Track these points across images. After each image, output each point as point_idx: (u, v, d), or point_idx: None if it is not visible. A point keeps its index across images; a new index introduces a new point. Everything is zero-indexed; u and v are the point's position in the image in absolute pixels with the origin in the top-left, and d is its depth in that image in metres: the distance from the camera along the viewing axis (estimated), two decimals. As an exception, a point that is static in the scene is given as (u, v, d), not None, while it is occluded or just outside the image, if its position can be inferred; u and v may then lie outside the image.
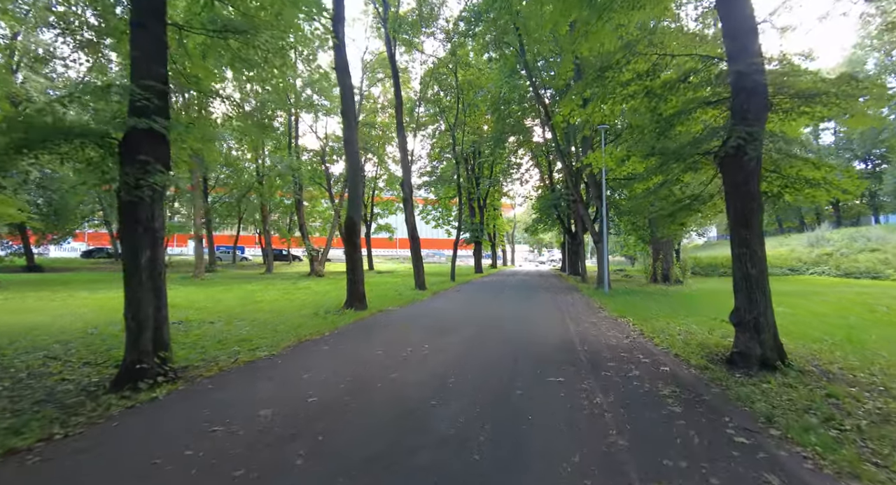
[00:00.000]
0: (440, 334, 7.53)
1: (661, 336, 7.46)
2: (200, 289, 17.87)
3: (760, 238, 5.84)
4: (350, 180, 11.48)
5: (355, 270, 11.01)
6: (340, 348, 6.61)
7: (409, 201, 16.89)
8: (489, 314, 10.04)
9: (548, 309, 11.14)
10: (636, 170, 8.06)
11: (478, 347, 6.49)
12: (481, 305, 11.90)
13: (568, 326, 8.43)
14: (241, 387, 4.80)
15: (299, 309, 11.46)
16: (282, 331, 8.20)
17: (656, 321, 9.09)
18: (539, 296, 14.85)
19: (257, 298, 14.39)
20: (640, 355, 6.03)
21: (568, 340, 7.09)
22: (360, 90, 34.08)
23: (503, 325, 8.52)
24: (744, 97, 5.85)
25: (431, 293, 15.49)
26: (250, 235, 57.96)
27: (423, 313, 10.43)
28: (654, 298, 14.12)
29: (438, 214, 40.77)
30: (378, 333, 7.84)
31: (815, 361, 6.04)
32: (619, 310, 10.73)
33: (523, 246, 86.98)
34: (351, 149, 11.57)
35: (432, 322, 8.93)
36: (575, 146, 24.74)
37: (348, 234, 11.19)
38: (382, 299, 13.12)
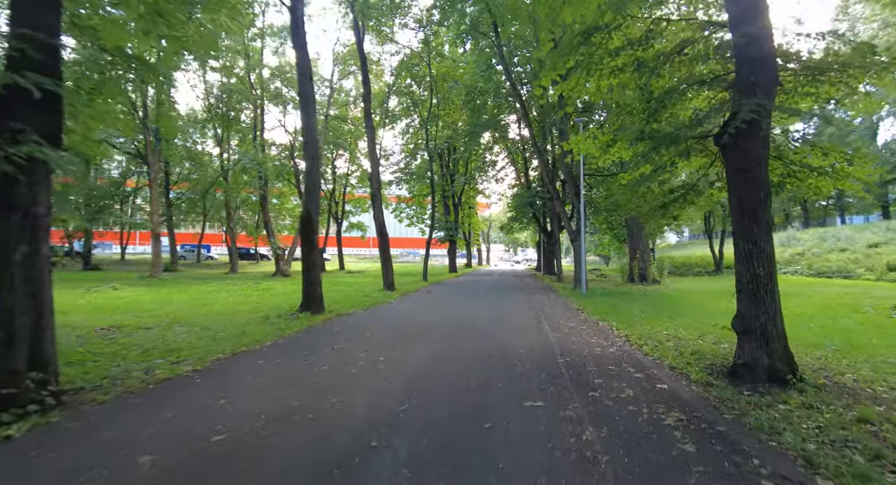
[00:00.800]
0: (402, 344, 6.54)
1: (650, 344, 6.65)
2: (152, 290, 16.48)
3: (769, 233, 5.05)
4: (307, 171, 10.38)
5: (311, 270, 9.93)
6: (279, 363, 5.55)
7: (377, 197, 15.83)
8: (460, 319, 9.09)
9: (524, 312, 10.25)
10: (622, 157, 7.23)
11: (443, 361, 5.52)
12: (452, 308, 10.95)
13: (546, 332, 7.55)
14: (135, 418, 3.73)
15: (252, 312, 10.36)
16: (221, 339, 7.13)
17: (641, 326, 8.31)
18: (514, 297, 13.99)
19: (210, 300, 13.22)
20: (630, 369, 5.16)
21: (547, 349, 6.19)
22: (331, 82, 32.81)
23: (474, 332, 7.57)
24: (749, 69, 5.04)
25: (400, 294, 14.47)
26: (217, 234, 55.81)
27: (386, 318, 9.41)
28: (633, 298, 13.44)
29: (412, 211, 39.68)
30: (329, 342, 6.80)
31: (825, 373, 5.29)
32: (599, 312, 9.93)
33: (499, 245, 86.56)
34: (309, 136, 10.47)
35: (395, 329, 7.92)
36: (552, 143, 24.07)
37: (304, 230, 10.10)
38: (344, 302, 12.05)
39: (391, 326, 8.12)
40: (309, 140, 10.48)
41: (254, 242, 39.85)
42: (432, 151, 23.71)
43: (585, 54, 5.42)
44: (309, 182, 10.30)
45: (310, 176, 10.31)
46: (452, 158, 31.95)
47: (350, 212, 39.89)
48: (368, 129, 15.89)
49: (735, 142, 5.05)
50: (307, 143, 10.54)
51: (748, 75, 5.04)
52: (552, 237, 27.59)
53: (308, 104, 10.52)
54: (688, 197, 5.93)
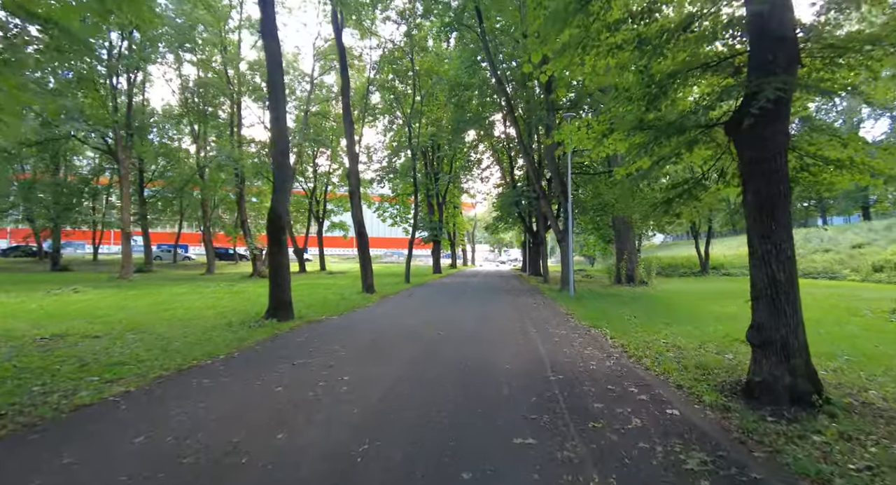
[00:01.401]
0: (373, 358, 5.79)
1: (649, 355, 6.01)
2: (117, 293, 15.51)
3: (789, 232, 4.44)
4: (277, 166, 9.57)
5: (279, 272, 9.11)
6: (227, 382, 4.77)
7: (355, 194, 15.03)
8: (440, 326, 8.35)
9: (510, 318, 9.55)
10: (617, 150, 6.58)
11: (417, 381, 4.78)
12: (433, 314, 10.22)
13: (535, 342, 6.85)
14: (20, 465, 2.94)
15: (217, 318, 9.57)
16: (173, 351, 6.34)
17: (636, 333, 7.68)
18: (500, 300, 13.31)
19: (176, 304, 12.37)
20: (633, 389, 4.49)
21: (537, 364, 5.49)
22: (311, 78, 31.88)
23: (456, 342, 6.84)
24: (767, 45, 4.42)
25: (380, 297, 13.70)
26: (194, 233, 54.17)
27: (361, 325, 8.63)
28: (623, 301, 12.86)
29: (396, 211, 38.84)
30: (291, 355, 6.01)
31: (847, 390, 4.70)
32: (590, 318, 9.29)
33: (484, 246, 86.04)
34: (278, 128, 9.65)
35: (368, 338, 7.16)
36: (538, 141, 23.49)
37: (272, 229, 9.28)
38: (318, 306, 11.26)
39: (364, 336, 7.36)
40: (278, 133, 9.66)
41: (232, 243, 38.58)
42: (415, 148, 22.93)
43: (581, 26, 4.75)
44: (279, 178, 9.48)
45: (279, 171, 9.50)
46: (437, 156, 31.22)
47: (332, 211, 38.92)
48: (347, 123, 15.09)
49: (752, 129, 4.42)
50: (276, 136, 9.72)
51: (767, 53, 4.41)
52: (538, 237, 27.03)
53: (278, 94, 9.70)
54: (693, 192, 5.30)
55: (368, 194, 40.22)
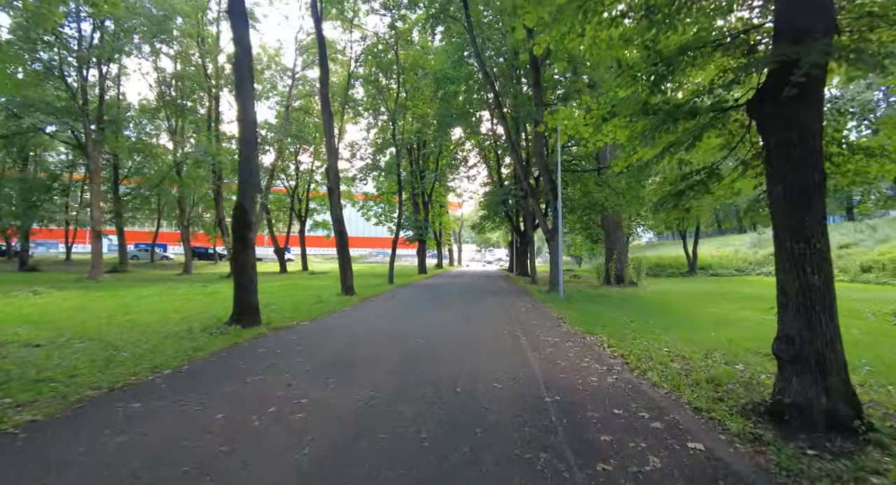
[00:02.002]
0: (339, 374, 5.02)
1: (653, 367, 5.35)
2: (82, 294, 14.56)
3: (824, 227, 3.79)
4: (243, 157, 8.74)
5: (244, 273, 8.29)
6: (159, 408, 3.97)
7: (335, 191, 14.21)
8: (422, 333, 7.60)
9: (498, 323, 8.83)
10: (617, 138, 5.92)
11: (389, 405, 4.03)
12: (415, 319, 9.46)
13: (525, 352, 6.14)
14: None
15: (180, 323, 8.77)
16: (118, 363, 5.56)
17: (634, 340, 7.04)
18: (487, 303, 12.60)
19: (140, 307, 11.53)
20: (643, 413, 3.80)
21: (529, 380, 4.77)
22: (293, 72, 30.88)
23: (438, 353, 6.08)
24: (802, 11, 3.78)
25: (359, 300, 12.90)
26: (174, 232, 52.60)
27: (334, 333, 7.84)
28: (615, 304, 12.26)
29: (381, 209, 37.96)
30: (247, 369, 5.22)
31: (886, 410, 4.09)
32: (583, 323, 8.62)
33: (470, 245, 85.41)
34: (245, 116, 8.83)
35: (339, 348, 6.39)
36: (526, 139, 22.88)
37: (237, 226, 8.45)
38: (291, 310, 10.44)
39: (335, 345, 6.58)
40: (245, 121, 8.84)
41: (212, 242, 37.38)
42: (400, 145, 22.13)
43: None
44: (244, 169, 8.66)
45: (246, 163, 8.67)
46: (422, 154, 30.43)
47: (315, 209, 37.90)
48: (326, 115, 14.26)
49: (780, 108, 3.78)
50: (243, 124, 8.90)
51: (799, 19, 3.77)
52: (525, 237, 26.43)
53: (244, 80, 8.87)
54: (708, 183, 4.64)
55: (352, 193, 39.34)
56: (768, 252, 30.36)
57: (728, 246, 36.82)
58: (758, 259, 30.18)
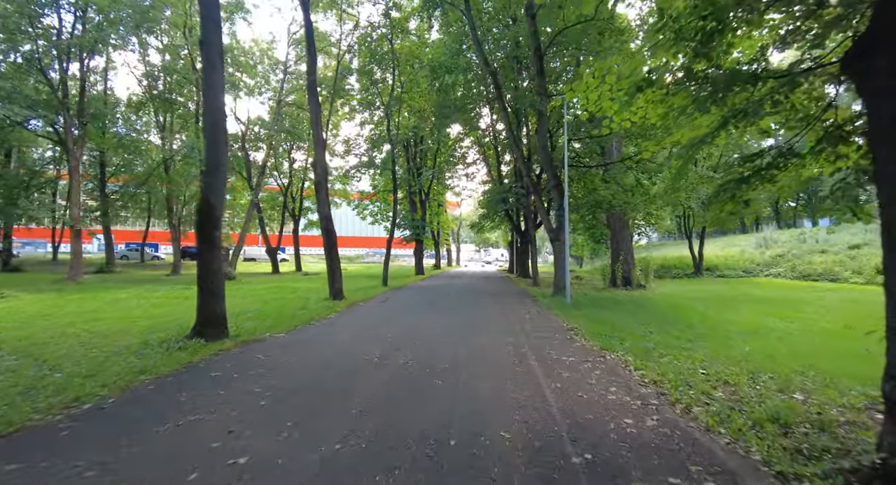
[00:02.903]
0: (301, 413, 3.89)
1: (696, 399, 4.28)
2: (53, 298, 13.61)
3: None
4: (209, 144, 7.63)
5: (208, 278, 7.18)
6: (42, 472, 2.89)
7: (322, 186, 13.10)
8: (411, 350, 6.46)
9: (500, 336, 7.70)
10: (648, 117, 4.84)
11: (356, 470, 2.95)
12: (405, 330, 8.33)
13: (537, 377, 5.02)
14: None
15: (141, 333, 7.82)
16: (43, 388, 4.62)
17: (661, 358, 5.97)
18: (487, 309, 11.49)
19: (107, 313, 10.56)
20: (710, 483, 2.72)
21: (547, 427, 3.64)
22: (286, 66, 29.81)
23: (428, 380, 4.91)
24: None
25: (347, 305, 11.78)
26: (165, 231, 51.36)
27: (309, 348, 6.72)
28: (627, 310, 11.17)
29: (376, 208, 36.88)
30: (186, 405, 4.10)
31: None
32: (598, 335, 7.53)
33: (469, 245, 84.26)
34: (212, 96, 7.72)
35: (310, 372, 5.27)
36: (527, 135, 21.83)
37: (202, 223, 7.35)
38: (269, 318, 9.35)
39: (306, 367, 5.46)
40: (211, 102, 7.73)
41: (203, 241, 36.15)
42: (395, 139, 21.00)
43: None
44: (211, 158, 7.55)
45: (212, 151, 7.56)
46: (419, 150, 29.29)
47: (309, 208, 36.75)
48: (313, 104, 13.15)
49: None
50: (209, 106, 7.78)
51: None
52: (526, 236, 25.36)
53: (213, 57, 7.75)
54: (774, 171, 3.56)
55: (348, 191, 38.29)
56: (775, 253, 29.43)
57: (733, 246, 35.80)
58: (765, 260, 29.25)
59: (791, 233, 34.59)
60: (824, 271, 24.73)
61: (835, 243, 28.06)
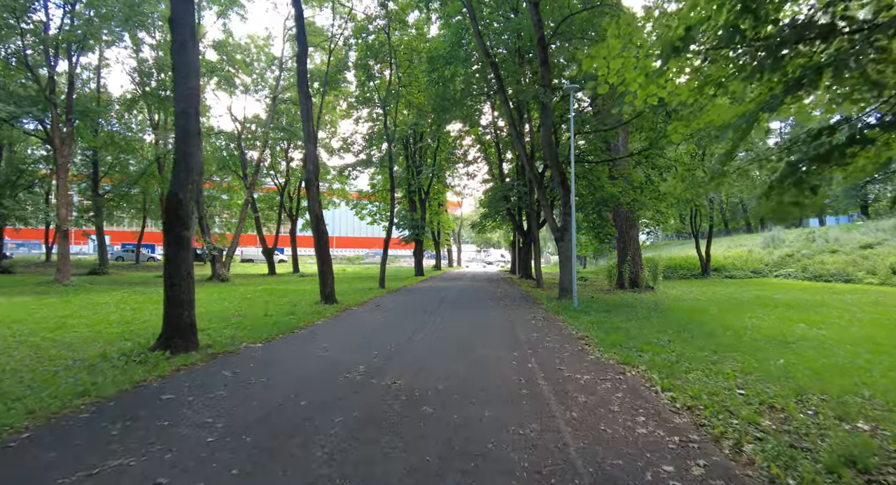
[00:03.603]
0: (249, 463, 3.09)
1: (745, 433, 3.48)
2: (26, 302, 12.97)
3: None
4: (179, 130, 6.85)
5: (176, 282, 6.39)
6: None
7: (312, 183, 12.31)
8: (400, 369, 5.61)
9: (504, 348, 6.87)
10: (679, 94, 4.04)
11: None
12: (397, 340, 7.51)
13: (549, 404, 4.17)
14: None
15: (110, 342, 7.11)
16: None
17: (688, 374, 5.19)
18: (488, 314, 10.68)
19: (79, 319, 9.86)
20: None
21: (566, 475, 2.85)
22: (281, 61, 29.09)
23: (415, 413, 4.00)
24: None
25: (338, 310, 10.98)
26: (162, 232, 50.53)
27: (284, 365, 5.91)
28: (640, 315, 10.34)
29: (375, 208, 36.09)
30: (117, 442, 3.29)
31: None
32: (612, 345, 6.71)
33: (470, 246, 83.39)
34: (182, 81, 6.94)
35: (276, 398, 4.42)
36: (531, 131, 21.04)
37: (169, 221, 6.57)
38: (251, 325, 8.57)
39: (275, 390, 4.64)
40: (182, 88, 6.95)
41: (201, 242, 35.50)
42: (393, 136, 20.21)
43: None
44: (182, 148, 6.77)
45: (183, 142, 6.77)
46: (419, 147, 28.50)
47: (307, 208, 35.89)
48: (303, 95, 12.36)
49: None
50: (179, 92, 7.00)
51: None
52: (529, 236, 24.54)
53: (184, 35, 6.99)
54: (869, 143, 2.77)
55: (347, 191, 37.56)
56: (784, 253, 28.57)
57: (739, 246, 34.95)
58: (774, 260, 28.40)
59: (799, 232, 33.70)
60: (837, 272, 23.87)
61: (845, 243, 27.22)
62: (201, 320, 9.37)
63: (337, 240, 68.90)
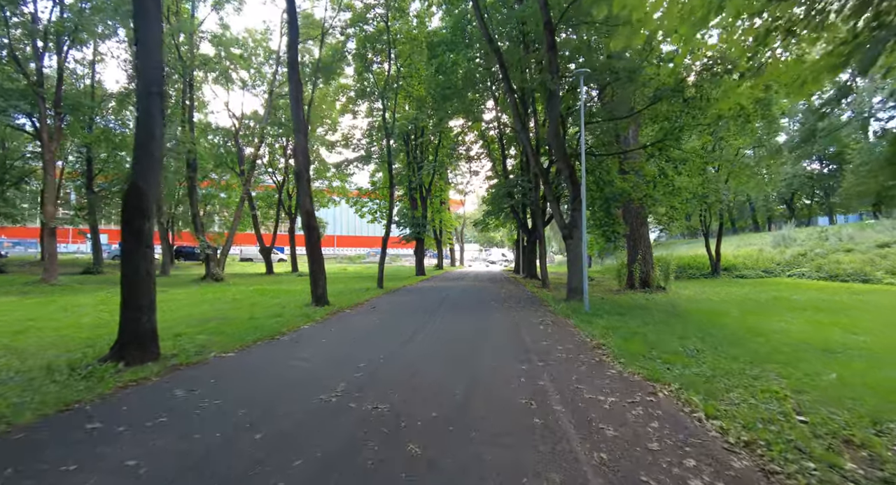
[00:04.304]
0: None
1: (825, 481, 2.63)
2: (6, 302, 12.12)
3: None
4: (140, 117, 6.01)
5: (132, 282, 5.56)
6: None
7: (303, 176, 11.45)
8: (388, 386, 4.78)
9: (511, 361, 5.97)
10: (729, 49, 3.17)
11: None
12: (388, 349, 6.64)
13: (567, 435, 3.31)
14: None
15: (72, 349, 6.31)
16: None
17: (731, 394, 4.33)
18: (492, 319, 9.79)
19: (48, 322, 9.20)
20: None
21: None
22: (278, 55, 28.22)
23: (403, 444, 3.16)
24: None
25: (329, 313, 10.13)
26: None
27: (258, 377, 5.08)
28: (656, 318, 9.46)
29: (376, 206, 35.24)
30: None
31: None
32: (634, 355, 5.83)
33: (473, 245, 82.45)
34: (144, 54, 6.10)
35: (241, 419, 3.60)
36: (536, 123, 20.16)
37: (128, 213, 5.72)
38: (231, 330, 7.73)
39: (231, 415, 3.77)
40: (144, 61, 6.11)
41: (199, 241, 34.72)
42: (392, 130, 19.34)
43: None
44: (142, 134, 5.94)
45: (145, 123, 5.93)
46: (419, 142, 27.64)
47: (304, 205, 35.14)
48: (293, 83, 11.50)
49: None
50: (142, 66, 6.17)
51: None
52: (534, 234, 23.65)
53: (146, 5, 6.15)
54: None
55: (347, 188, 36.77)
56: (796, 252, 27.52)
57: (748, 245, 33.88)
58: (786, 259, 27.34)
59: (810, 231, 32.64)
60: (854, 271, 22.85)
61: (861, 242, 26.19)
62: (178, 324, 8.58)
63: (338, 239, 68.12)
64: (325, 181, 36.06)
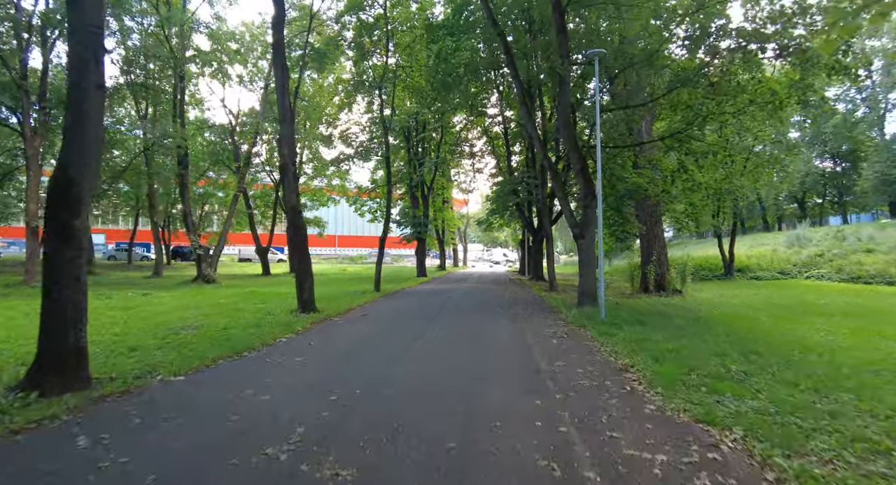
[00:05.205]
0: None
1: None
2: None
3: None
4: (71, 98, 4.96)
5: (55, 288, 4.52)
6: None
7: (288, 169, 10.38)
8: (363, 429, 3.72)
9: (522, 392, 4.86)
10: None
11: None
12: (371, 371, 5.55)
13: None
14: None
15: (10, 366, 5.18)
16: None
17: (817, 442, 3.24)
18: (497, 329, 8.66)
19: (7, 332, 7.99)
20: None
21: None
22: (275, 48, 27.19)
23: None
24: None
25: (314, 322, 9.04)
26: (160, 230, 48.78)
27: (201, 413, 4.01)
28: (681, 327, 8.35)
29: (375, 205, 34.18)
30: None
31: None
32: (671, 381, 4.73)
33: (476, 245, 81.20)
34: (77, 12, 5.05)
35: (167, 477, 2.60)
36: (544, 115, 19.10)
37: (51, 202, 4.69)
38: (199, 341, 6.69)
39: (148, 476, 2.78)
40: (77, 19, 5.05)
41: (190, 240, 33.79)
42: (388, 121, 18.27)
43: None
44: (75, 112, 4.89)
45: (77, 97, 4.88)
46: (420, 137, 26.54)
47: (304, 205, 34.13)
48: (278, 68, 10.46)
49: None
50: (74, 23, 5.11)
51: None
52: (540, 232, 22.53)
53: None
54: None
55: (347, 187, 35.79)
56: (813, 252, 26.23)
57: (761, 245, 32.54)
58: (802, 260, 26.02)
59: (826, 230, 31.33)
60: (877, 273, 21.60)
61: (881, 242, 24.88)
62: (143, 335, 7.54)
63: (340, 239, 67.05)
64: (324, 179, 35.08)
